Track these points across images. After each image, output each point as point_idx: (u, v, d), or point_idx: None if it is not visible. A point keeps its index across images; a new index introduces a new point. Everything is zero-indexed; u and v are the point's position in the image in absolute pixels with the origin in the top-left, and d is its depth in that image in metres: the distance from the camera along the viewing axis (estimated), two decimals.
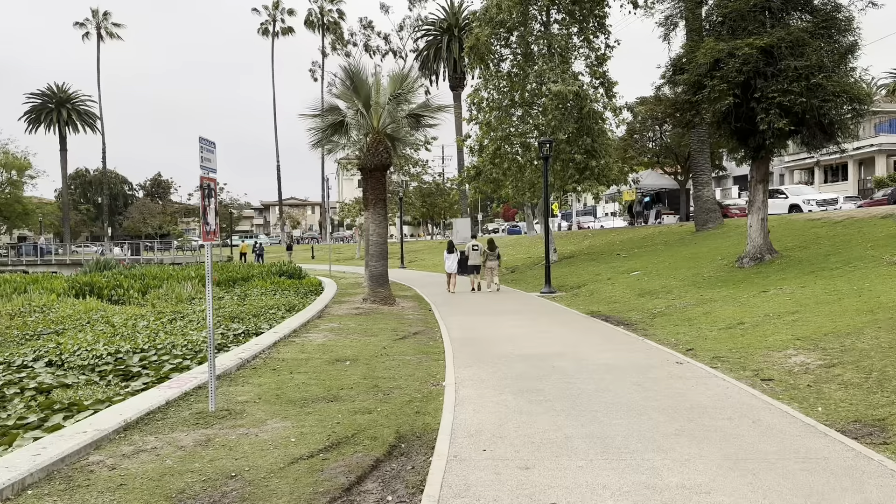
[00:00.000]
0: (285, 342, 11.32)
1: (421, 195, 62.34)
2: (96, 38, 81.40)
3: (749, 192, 17.66)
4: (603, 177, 25.51)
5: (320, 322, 14.48)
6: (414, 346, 11.05)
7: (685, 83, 15.60)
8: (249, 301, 21.62)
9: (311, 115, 17.66)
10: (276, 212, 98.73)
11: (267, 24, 77.99)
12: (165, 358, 11.83)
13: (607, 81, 26.40)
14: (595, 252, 27.96)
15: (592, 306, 16.14)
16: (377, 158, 17.60)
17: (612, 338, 11.36)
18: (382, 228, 17.90)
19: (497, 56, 26.70)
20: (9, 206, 69.19)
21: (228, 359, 9.19)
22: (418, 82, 18.35)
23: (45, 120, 79.83)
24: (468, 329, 12.78)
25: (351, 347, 10.77)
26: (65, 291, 25.53)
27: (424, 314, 15.93)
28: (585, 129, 24.67)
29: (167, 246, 54.73)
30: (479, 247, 21.82)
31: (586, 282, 20.66)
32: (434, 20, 61.35)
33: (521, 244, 41.04)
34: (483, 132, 26.81)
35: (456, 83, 58.41)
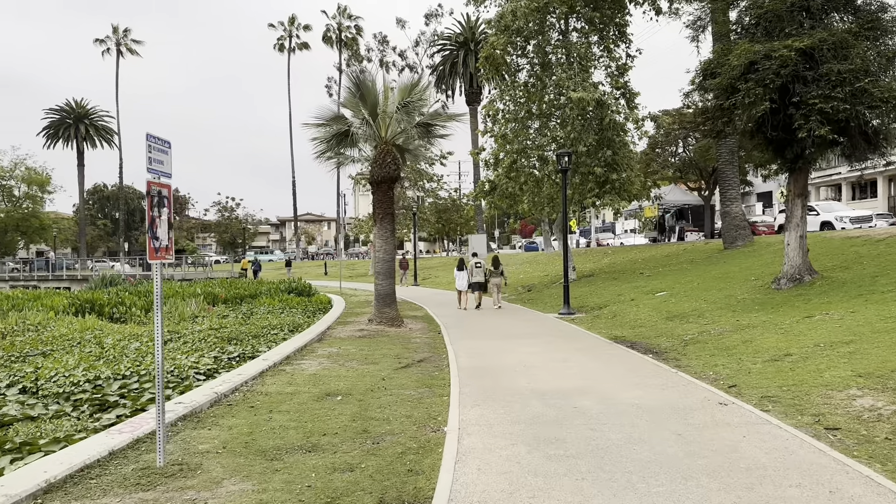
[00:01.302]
0: (274, 371, 10.15)
1: (436, 211, 61.27)
2: (116, 54, 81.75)
3: (786, 207, 16.32)
4: (624, 191, 24.24)
5: (319, 346, 13.32)
6: (417, 376, 9.84)
7: (717, 87, 14.35)
8: (253, 320, 20.59)
9: (315, 125, 16.65)
10: (291, 227, 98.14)
11: (283, 39, 77.83)
12: (147, 386, 10.81)
13: (629, 92, 25.20)
14: (616, 270, 26.60)
15: (615, 330, 14.84)
16: (385, 170, 16.51)
17: (641, 369, 10.06)
18: (390, 245, 16.76)
19: (513, 66, 25.60)
20: (25, 221, 69.22)
21: (200, 394, 8.04)
22: (429, 90, 17.26)
23: (64, 135, 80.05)
24: (479, 356, 11.55)
25: (346, 378, 9.57)
26: (64, 309, 24.65)
27: (433, 337, 14.71)
28: (606, 141, 23.45)
29: (178, 262, 53.97)
30: (482, 264, 21.47)
31: (608, 302, 19.35)
32: (450, 35, 60.63)
33: (538, 261, 39.73)
34: (499, 145, 25.67)
35: (472, 98, 57.45)
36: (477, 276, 21.17)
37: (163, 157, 5.41)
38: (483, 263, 21.53)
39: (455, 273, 22.29)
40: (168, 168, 5.48)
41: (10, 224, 68.37)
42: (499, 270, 21.27)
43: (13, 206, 68.87)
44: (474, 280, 21.20)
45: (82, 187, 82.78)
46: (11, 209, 68.57)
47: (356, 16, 76.88)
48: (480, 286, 21.24)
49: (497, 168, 25.95)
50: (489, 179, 27.10)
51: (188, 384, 10.66)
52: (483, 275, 21.16)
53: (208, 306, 25.22)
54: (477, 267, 21.30)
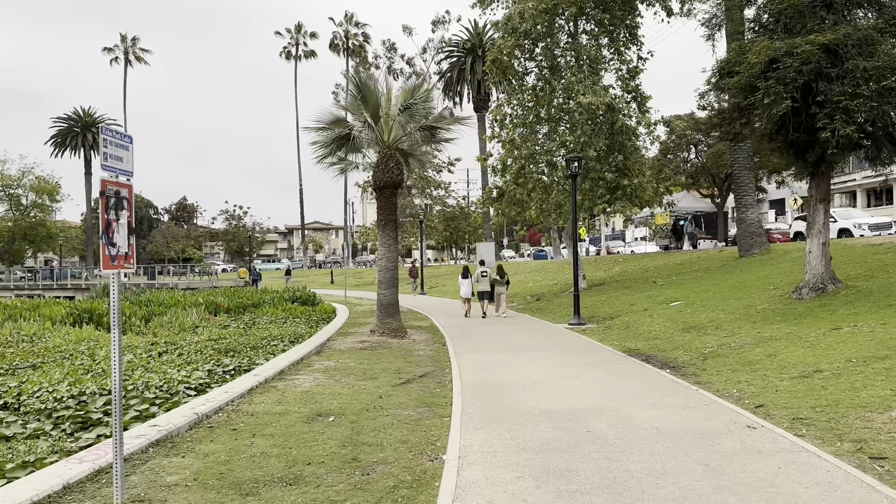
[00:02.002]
0: (264, 388, 9.50)
1: (444, 219, 60.64)
2: (124, 63, 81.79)
3: (808, 212, 15.57)
4: (636, 197, 23.50)
5: (316, 359, 12.66)
6: (417, 393, 9.16)
7: (735, 86, 13.65)
8: (254, 330, 20.01)
9: (315, 129, 16.05)
10: (299, 236, 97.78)
11: (290, 47, 77.57)
12: (133, 402, 10.20)
13: (640, 96, 24.52)
14: (628, 279, 25.84)
15: (629, 342, 14.11)
16: (387, 175, 15.89)
17: (659, 386, 9.34)
18: (393, 252, 16.12)
19: (521, 69, 24.98)
20: (33, 230, 69.05)
21: (179, 415, 7.39)
22: (433, 93, 16.64)
23: (71, 144, 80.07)
24: (484, 370, 10.86)
25: (340, 396, 8.90)
26: (62, 319, 24.15)
27: (437, 350, 14.03)
28: (617, 146, 22.76)
29: (183, 270, 53.50)
30: (489, 273, 21.38)
31: (620, 312, 18.61)
32: (457, 41, 60.17)
33: (547, 269, 38.99)
34: (506, 150, 25.02)
35: (480, 104, 56.91)
36: (483, 284, 21.13)
37: (122, 154, 4.78)
38: (489, 272, 21.46)
39: (459, 281, 22.34)
40: (129, 166, 4.85)
41: (18, 233, 68.17)
42: (504, 279, 21.29)
43: (21, 215, 68.75)
44: (480, 289, 21.19)
45: (89, 196, 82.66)
46: (19, 218, 68.43)
47: (363, 23, 76.73)
48: (487, 295, 21.20)
49: (505, 174, 25.31)
50: (497, 186, 26.46)
51: (176, 400, 10.05)
52: (489, 283, 21.12)
53: (209, 316, 24.64)
54: (483, 276, 21.23)
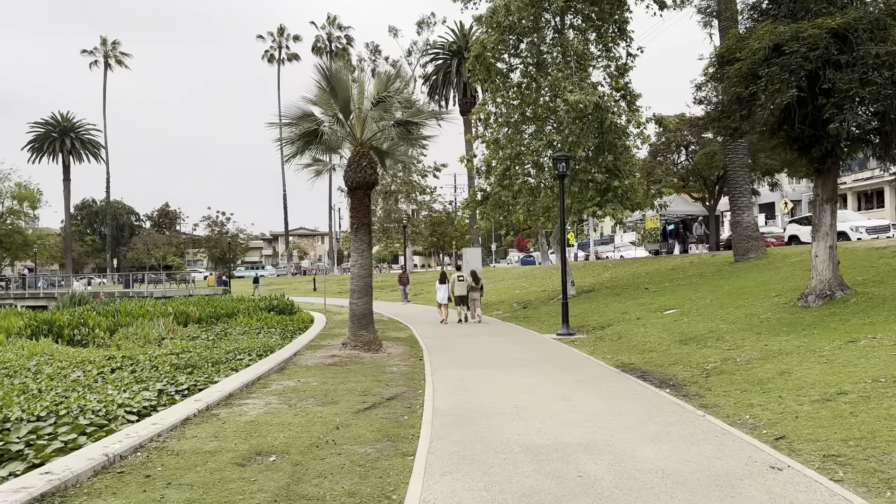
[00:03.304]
0: (203, 417, 8.18)
1: (430, 224, 59.39)
2: (104, 66, 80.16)
3: (814, 213, 14.45)
4: (627, 199, 22.36)
5: (276, 378, 11.35)
6: (380, 422, 7.88)
7: (736, 75, 12.51)
8: (223, 343, 18.71)
9: (281, 124, 14.75)
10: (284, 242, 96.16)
11: (272, 50, 76.30)
12: (63, 430, 8.89)
13: (629, 94, 23.42)
14: (618, 285, 24.68)
15: (622, 355, 12.91)
16: (359, 175, 14.63)
17: (659, 411, 8.12)
18: (366, 258, 14.85)
19: (506, 66, 23.82)
20: (9, 238, 67.20)
21: (83, 458, 6.07)
22: (412, 84, 15.43)
23: (49, 149, 78.20)
24: (461, 392, 9.59)
25: (290, 427, 7.62)
26: (19, 331, 22.71)
27: (412, 365, 12.75)
28: (607, 146, 21.63)
29: (159, 278, 51.89)
30: (465, 278, 21.55)
31: (611, 321, 17.42)
32: (443, 43, 59.15)
33: (534, 276, 37.81)
34: (491, 151, 23.86)
35: (466, 108, 55.75)
36: (460, 289, 21.28)
37: None
38: (466, 277, 21.54)
39: (437, 286, 22.49)
40: None
41: None
42: (479, 285, 21.46)
43: None
44: (458, 294, 21.32)
45: (68, 202, 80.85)
46: None
47: (346, 26, 75.69)
48: (463, 300, 21.34)
49: (489, 176, 24.15)
50: (481, 188, 25.28)
51: (111, 428, 8.74)
52: (466, 288, 21.22)
53: (175, 327, 23.25)
54: (460, 280, 21.39)
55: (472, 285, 21.28)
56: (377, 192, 53.54)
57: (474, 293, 21.30)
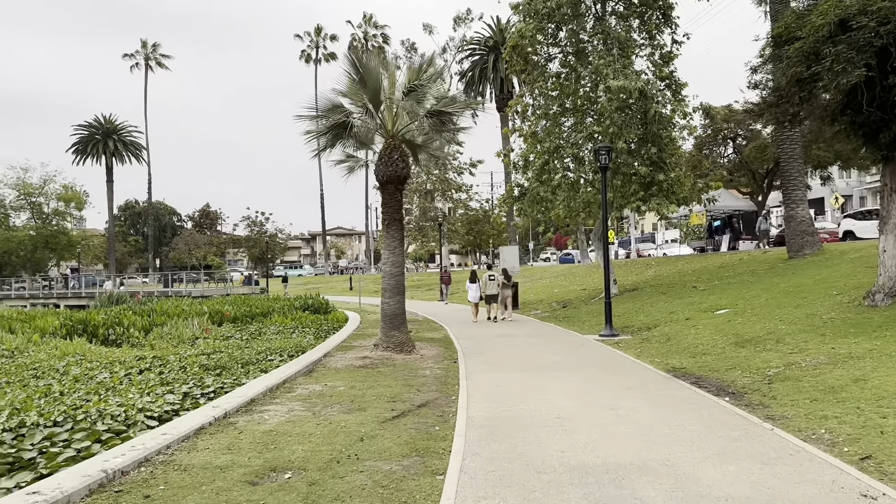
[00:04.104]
0: (219, 425, 7.59)
1: (467, 222, 58.61)
2: (144, 69, 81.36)
3: (881, 205, 13.30)
4: (672, 194, 21.29)
5: (302, 382, 10.76)
6: (409, 434, 7.18)
7: (797, 54, 11.48)
8: (256, 342, 18.30)
9: (308, 117, 14.18)
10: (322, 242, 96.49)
11: (309, 49, 76.39)
12: (79, 436, 8.46)
13: (675, 83, 22.33)
14: (663, 284, 23.59)
15: (672, 359, 11.99)
16: (390, 168, 13.98)
17: (721, 424, 7.25)
18: (398, 256, 14.18)
19: (544, 55, 22.93)
20: (55, 238, 68.62)
21: (77, 475, 5.49)
22: (444, 75, 14.71)
23: (92, 151, 79.48)
24: (498, 399, 8.83)
25: (310, 438, 6.96)
26: (54, 331, 22.66)
27: (446, 368, 12.04)
28: (651, 137, 20.59)
29: (197, 277, 52.16)
30: (497, 277, 21.43)
31: (658, 322, 16.45)
32: (479, 39, 58.21)
33: (574, 274, 36.80)
34: (528, 145, 22.99)
35: (503, 103, 54.74)
36: (491, 288, 21.14)
37: None
38: (497, 276, 21.44)
39: (467, 285, 22.31)
40: None
41: (40, 241, 67.79)
42: (510, 283, 21.58)
43: (42, 223, 68.33)
44: (489, 293, 21.19)
45: (111, 203, 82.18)
46: (41, 226, 68.01)
47: (382, 24, 75.37)
48: (494, 298, 21.24)
49: (527, 171, 23.28)
50: (518, 184, 24.43)
51: (128, 435, 8.24)
52: (497, 287, 21.07)
53: (208, 327, 22.97)
54: (491, 279, 21.21)
55: (504, 283, 21.29)
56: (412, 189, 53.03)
57: (505, 291, 21.33)
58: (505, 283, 21.27)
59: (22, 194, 67.42)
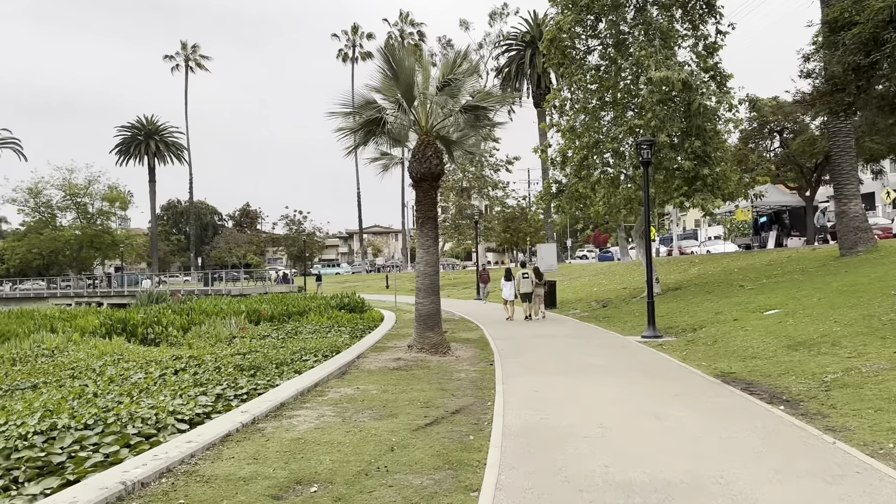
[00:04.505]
0: (246, 432, 7.34)
1: (503, 220, 58.05)
2: (185, 70, 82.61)
3: None
4: (717, 189, 20.53)
5: (334, 385, 10.49)
6: (442, 443, 6.82)
7: (854, 41, 10.79)
8: (292, 342, 18.18)
9: (341, 113, 13.92)
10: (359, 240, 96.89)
11: (346, 49, 76.69)
12: (108, 439, 8.33)
13: (719, 74, 21.54)
14: (708, 282, 22.81)
15: (720, 362, 11.41)
16: (424, 165, 13.64)
17: (777, 436, 6.73)
18: (432, 255, 13.84)
19: (583, 47, 22.34)
20: (99, 238, 70.16)
21: (94, 487, 5.26)
22: (480, 69, 14.30)
23: (135, 152, 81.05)
24: (536, 405, 8.42)
25: (339, 447, 6.66)
26: (94, 329, 22.88)
27: (482, 371, 11.65)
28: (694, 130, 19.87)
29: (237, 276, 52.66)
30: (530, 275, 21.36)
31: (703, 322, 15.80)
32: (516, 34, 57.61)
33: (613, 272, 36.04)
34: (566, 140, 22.43)
35: (540, 99, 53.98)
36: (525, 286, 21.09)
37: None
38: (530, 274, 21.38)
39: (502, 283, 22.29)
40: None
41: (85, 241, 69.39)
42: (542, 281, 21.62)
43: (87, 223, 69.90)
44: (523, 291, 21.14)
45: (154, 203, 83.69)
46: (86, 226, 69.59)
47: (419, 22, 75.25)
48: (529, 296, 21.17)
49: (565, 167, 22.73)
50: (556, 180, 23.89)
51: (157, 440, 8.08)
52: (531, 285, 21.03)
53: (244, 326, 22.96)
54: (525, 277, 21.18)
55: (536, 281, 21.28)
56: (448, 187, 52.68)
57: (538, 289, 21.34)
58: (537, 282, 21.28)
59: (68, 195, 69.01)
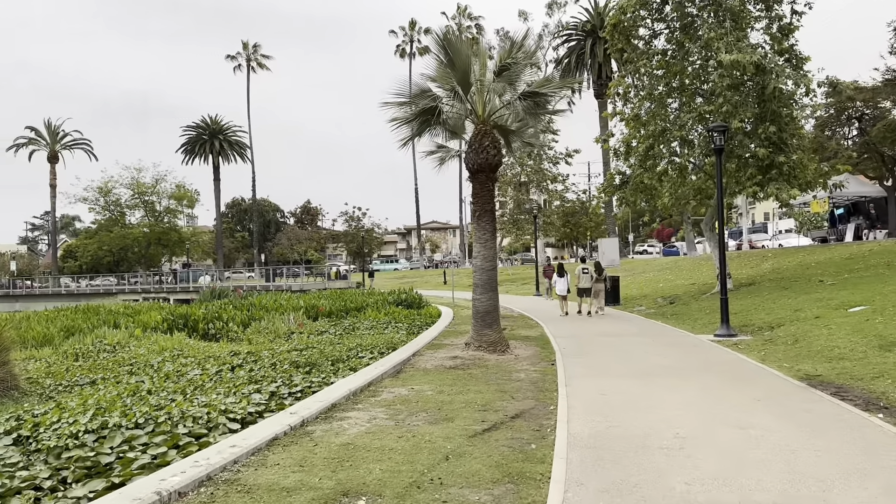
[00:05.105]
0: (293, 436, 6.94)
1: (563, 214, 56.89)
2: (247, 69, 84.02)
3: None
4: (794, 178, 19.25)
5: (389, 384, 10.06)
6: (501, 451, 6.27)
7: None
8: (349, 338, 17.97)
9: (395, 103, 13.48)
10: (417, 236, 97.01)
11: (404, 44, 76.66)
12: (158, 439, 8.15)
13: (795, 57, 20.19)
14: (784, 277, 21.51)
15: (803, 364, 10.48)
16: (481, 156, 13.07)
17: (880, 449, 5.92)
18: (489, 249, 13.27)
19: (648, 31, 21.31)
20: (166, 235, 72.27)
21: (126, 499, 4.92)
22: (538, 53, 13.65)
23: (200, 151, 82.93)
24: (604, 410, 7.77)
25: (391, 455, 6.18)
26: (156, 325, 23.21)
27: (543, 371, 11.03)
28: (769, 115, 18.66)
29: (297, 272, 53.20)
30: (590, 270, 21.36)
31: (781, 320, 14.74)
32: (575, 24, 56.26)
33: (680, 267, 34.68)
34: (631, 129, 21.46)
35: (601, 90, 52.63)
36: (584, 281, 21.08)
37: None
38: (590, 269, 21.40)
39: (554, 279, 22.35)
40: None
41: (153, 238, 71.54)
42: (602, 276, 21.53)
43: (155, 221, 72.03)
44: (581, 286, 21.13)
45: (218, 201, 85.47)
46: (153, 223, 71.72)
47: (477, 15, 74.54)
48: (587, 291, 21.10)
49: (629, 157, 21.76)
50: (620, 171, 22.94)
51: (208, 440, 7.82)
52: (590, 280, 21.02)
53: (301, 322, 22.89)
54: (584, 273, 21.14)
55: (595, 276, 21.20)
56: (506, 181, 51.90)
57: (598, 285, 21.25)
58: (597, 278, 21.18)
59: (136, 193, 71.22)
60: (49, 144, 77.37)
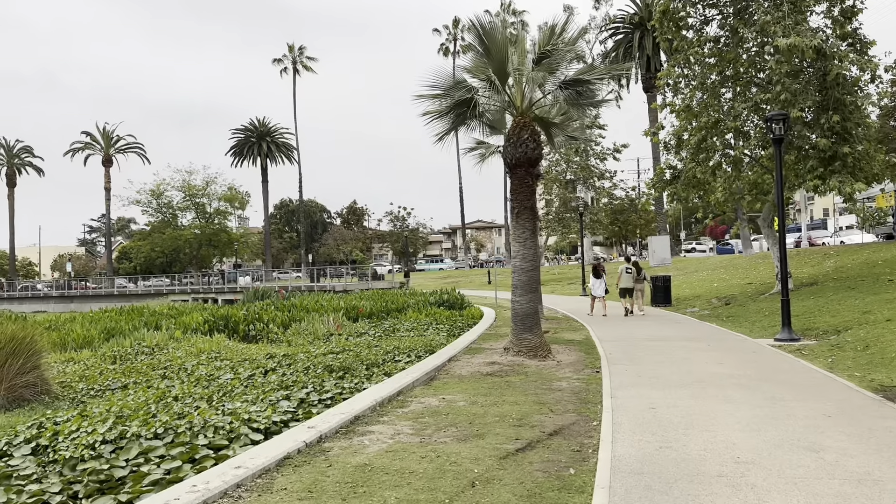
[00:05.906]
0: (306, 455, 6.35)
1: (611, 212, 55.38)
2: (293, 72, 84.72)
3: None
4: (860, 170, 17.93)
5: (420, 393, 9.43)
6: (535, 477, 5.55)
7: None
8: (388, 340, 17.47)
9: (429, 95, 12.84)
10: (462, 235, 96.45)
11: (447, 43, 76.11)
12: (175, 451, 7.69)
13: (859, 41, 18.83)
14: (849, 277, 20.12)
15: (877, 373, 9.46)
16: (519, 149, 12.34)
17: None
18: (529, 249, 12.51)
19: (699, 18, 20.20)
20: (216, 236, 73.38)
21: None
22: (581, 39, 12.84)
23: (248, 153, 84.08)
24: (654, 428, 6.96)
25: (410, 479, 5.53)
26: (197, 327, 23.09)
27: (586, 379, 10.23)
28: (832, 103, 17.41)
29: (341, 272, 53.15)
30: (632, 270, 21.25)
31: (849, 323, 13.59)
32: (623, 16, 54.81)
33: (735, 266, 33.19)
34: (681, 121, 20.38)
35: (650, 83, 51.09)
36: (626, 281, 21.00)
37: None
38: (633, 269, 21.32)
39: (591, 280, 22.29)
40: None
41: (204, 239, 72.68)
42: (641, 276, 21.53)
43: (206, 223, 73.17)
44: (623, 285, 21.05)
45: (266, 202, 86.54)
46: (204, 225, 72.86)
47: (521, 11, 73.41)
48: (630, 291, 21.03)
49: (680, 150, 20.69)
50: (670, 165, 21.86)
51: (226, 454, 7.33)
52: (632, 280, 20.99)
53: (340, 323, 22.48)
54: (627, 272, 21.10)
55: (636, 276, 21.17)
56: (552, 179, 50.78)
57: (638, 284, 21.25)
58: (637, 278, 21.19)
59: (187, 195, 72.44)
60: (103, 149, 79.41)
